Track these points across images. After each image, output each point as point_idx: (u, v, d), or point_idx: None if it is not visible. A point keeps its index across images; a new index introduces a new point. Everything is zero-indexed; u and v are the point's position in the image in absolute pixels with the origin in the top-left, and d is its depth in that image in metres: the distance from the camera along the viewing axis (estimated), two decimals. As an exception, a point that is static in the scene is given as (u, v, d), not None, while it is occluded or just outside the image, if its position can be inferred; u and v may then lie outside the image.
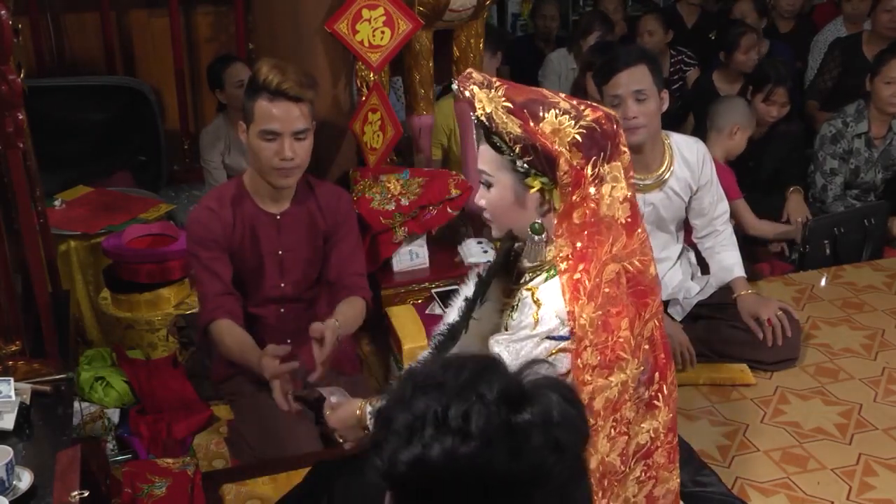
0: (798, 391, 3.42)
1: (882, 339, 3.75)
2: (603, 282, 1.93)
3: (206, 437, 3.45)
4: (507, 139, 1.91)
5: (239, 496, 2.89)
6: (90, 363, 3.77)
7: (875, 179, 4.72)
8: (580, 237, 1.93)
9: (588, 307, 1.91)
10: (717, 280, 3.68)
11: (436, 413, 1.19)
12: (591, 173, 1.91)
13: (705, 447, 3.10)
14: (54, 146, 4.78)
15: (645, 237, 2.06)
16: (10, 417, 2.39)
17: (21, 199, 2.78)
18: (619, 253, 1.97)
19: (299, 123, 2.91)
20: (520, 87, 1.99)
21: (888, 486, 2.91)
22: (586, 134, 1.89)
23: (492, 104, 1.92)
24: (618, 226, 1.97)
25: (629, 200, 2.01)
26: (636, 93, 3.29)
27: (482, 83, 1.96)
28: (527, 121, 1.90)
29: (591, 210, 1.93)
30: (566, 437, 1.21)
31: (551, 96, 1.96)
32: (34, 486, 2.19)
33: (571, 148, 1.89)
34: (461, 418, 1.18)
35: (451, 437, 1.17)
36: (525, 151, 1.90)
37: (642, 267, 2.02)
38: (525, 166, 1.92)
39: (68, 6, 5.63)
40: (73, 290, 4.09)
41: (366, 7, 3.33)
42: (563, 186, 1.90)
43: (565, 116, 1.90)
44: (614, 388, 1.96)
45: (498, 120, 1.91)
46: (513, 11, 7.46)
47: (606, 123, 1.94)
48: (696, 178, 3.52)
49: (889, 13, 5.43)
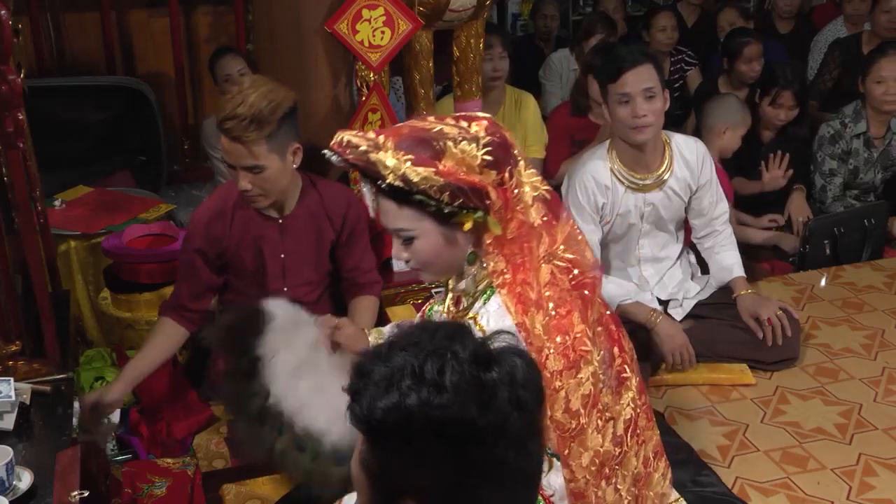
0: (798, 391, 3.42)
1: (882, 339, 3.75)
2: (542, 287, 1.90)
3: (206, 436, 3.45)
4: (432, 193, 1.81)
5: (239, 496, 2.90)
6: (90, 363, 3.77)
7: (874, 180, 4.72)
8: (512, 249, 1.90)
9: (538, 316, 1.88)
10: (716, 280, 3.69)
11: (413, 367, 1.30)
12: (512, 185, 1.88)
13: (705, 447, 3.10)
14: (54, 146, 4.77)
15: (570, 225, 2.02)
16: (10, 417, 2.39)
17: (21, 199, 2.78)
18: (547, 253, 1.94)
19: (246, 160, 2.84)
20: (393, 131, 1.90)
21: (888, 486, 2.91)
22: (492, 150, 1.84)
23: (399, 163, 1.80)
24: (536, 228, 1.94)
25: (540, 198, 1.97)
26: (645, 90, 3.29)
27: (371, 144, 1.84)
28: (434, 164, 1.82)
29: (519, 221, 1.90)
30: (527, 396, 1.33)
31: (430, 126, 1.88)
32: (34, 486, 2.19)
33: (484, 171, 1.84)
34: (436, 372, 1.29)
35: (427, 388, 1.28)
36: (454, 196, 1.81)
37: (575, 256, 1.98)
38: (456, 207, 1.84)
39: (68, 6, 5.63)
40: (73, 290, 4.10)
41: (366, 7, 3.33)
42: (497, 213, 1.86)
43: (463, 143, 1.83)
44: (587, 383, 1.93)
45: (414, 177, 1.80)
46: (513, 11, 7.46)
47: (493, 128, 1.89)
48: (695, 178, 3.52)
49: (888, 14, 5.44)
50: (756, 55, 5.30)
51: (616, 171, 3.47)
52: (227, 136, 2.82)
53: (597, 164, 3.50)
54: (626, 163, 3.47)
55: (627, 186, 3.48)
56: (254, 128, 2.79)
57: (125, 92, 5.67)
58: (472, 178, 1.82)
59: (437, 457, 1.30)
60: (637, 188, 3.48)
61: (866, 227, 4.51)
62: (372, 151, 1.82)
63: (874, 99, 4.57)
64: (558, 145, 4.83)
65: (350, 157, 1.86)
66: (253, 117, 2.78)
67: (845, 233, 4.46)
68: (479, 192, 1.82)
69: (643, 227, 3.57)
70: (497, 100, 4.81)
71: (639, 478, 2.07)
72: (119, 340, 4.03)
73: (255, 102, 2.79)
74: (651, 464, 2.12)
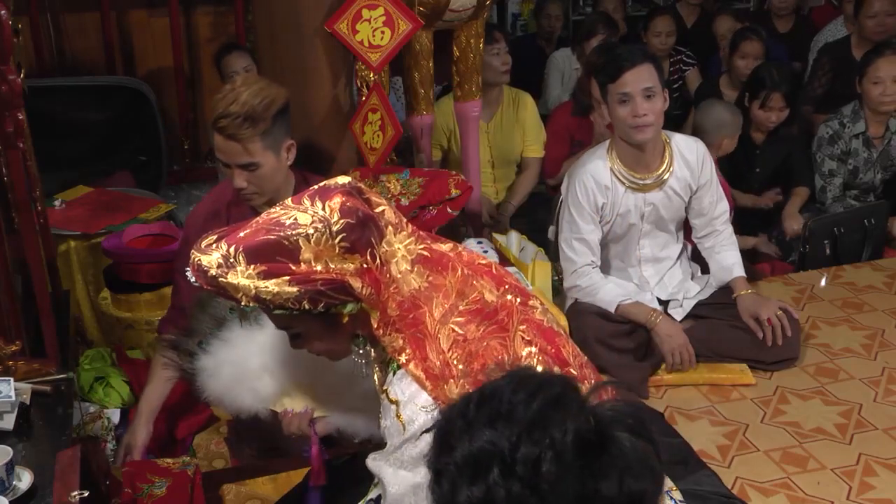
0: (798, 391, 3.42)
1: (882, 339, 3.75)
2: (446, 353, 1.82)
3: (206, 436, 3.45)
4: (290, 304, 1.75)
5: (239, 496, 2.89)
6: (90, 363, 3.76)
7: (874, 180, 4.72)
8: (403, 324, 1.84)
9: (450, 384, 1.80)
10: (716, 280, 3.69)
11: (503, 453, 1.12)
12: (378, 264, 1.80)
13: (705, 447, 3.10)
14: (54, 146, 4.77)
15: (460, 272, 1.91)
16: (10, 417, 2.38)
17: (21, 199, 2.78)
18: (441, 314, 1.85)
19: (241, 158, 2.83)
20: (246, 233, 1.81)
21: (888, 486, 2.91)
22: (347, 234, 1.76)
23: (250, 281, 1.73)
24: (423, 293, 1.86)
25: (418, 259, 1.88)
26: (645, 90, 3.30)
27: (221, 264, 1.76)
28: (288, 268, 1.74)
29: (397, 298, 1.84)
30: (639, 486, 1.14)
31: (284, 216, 1.80)
32: (34, 486, 2.19)
33: (345, 257, 1.77)
34: (531, 465, 1.11)
35: (520, 485, 1.10)
36: (314, 301, 1.75)
37: (476, 298, 1.89)
38: (322, 308, 1.78)
39: (68, 6, 5.63)
40: (73, 290, 4.10)
41: (366, 7, 3.33)
42: (367, 298, 1.80)
43: (316, 234, 1.75)
44: None
45: (267, 294, 1.73)
46: (513, 11, 7.46)
47: (352, 202, 1.81)
48: (695, 178, 3.52)
49: (873, 18, 5.44)
50: (753, 53, 5.27)
51: (616, 170, 3.47)
52: (221, 135, 2.81)
53: (596, 164, 3.50)
54: (627, 163, 3.47)
55: (628, 186, 3.48)
56: (248, 125, 2.77)
57: (125, 92, 5.67)
58: (330, 274, 1.75)
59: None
60: (637, 188, 3.48)
61: (866, 227, 4.51)
62: (221, 276, 1.76)
63: (872, 99, 4.58)
64: (558, 144, 4.84)
65: (202, 283, 1.80)
66: (246, 115, 2.77)
67: (845, 233, 4.46)
68: (340, 287, 1.75)
69: (644, 228, 3.57)
70: (496, 99, 4.82)
71: None
72: (119, 340, 4.03)
73: (247, 100, 2.78)
74: None
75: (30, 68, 4.60)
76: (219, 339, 2.41)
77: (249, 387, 2.36)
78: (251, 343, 2.37)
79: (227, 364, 2.38)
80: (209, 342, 2.42)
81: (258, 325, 2.39)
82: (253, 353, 2.36)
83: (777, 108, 4.64)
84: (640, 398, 3.36)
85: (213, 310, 2.46)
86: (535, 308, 1.99)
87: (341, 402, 2.34)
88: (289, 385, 2.38)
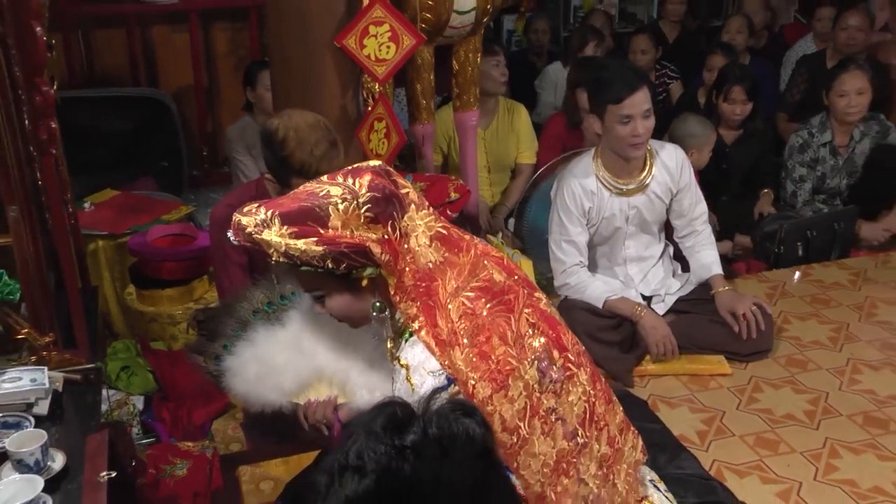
0: (770, 380, 3.43)
1: (847, 333, 3.76)
2: (455, 323, 1.84)
3: (223, 422, 3.46)
4: (316, 262, 1.80)
5: (254, 477, 2.90)
6: (117, 354, 3.78)
7: (840, 185, 4.73)
8: (417, 293, 1.86)
9: (455, 352, 1.82)
10: (696, 277, 3.70)
11: (338, 462, 1.22)
12: (398, 236, 1.84)
13: (685, 432, 3.11)
14: (84, 153, 4.78)
15: (473, 252, 1.95)
16: (45, 403, 2.40)
17: (53, 201, 2.79)
18: (454, 288, 1.87)
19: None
20: (286, 199, 1.88)
21: (851, 468, 2.92)
22: (372, 206, 1.80)
23: (282, 240, 1.79)
24: (438, 267, 1.89)
25: (437, 236, 1.91)
26: (645, 112, 3.31)
27: (258, 224, 1.82)
28: (317, 231, 1.79)
29: (412, 267, 1.86)
30: (453, 445, 1.22)
31: (318, 189, 1.85)
32: (66, 466, 2.20)
33: (369, 227, 1.81)
34: (356, 457, 1.21)
35: (352, 476, 1.20)
36: (337, 261, 1.80)
37: (486, 277, 1.92)
38: (344, 269, 1.82)
39: (97, 23, 5.63)
40: (100, 286, 4.10)
41: (372, 24, 3.33)
42: (386, 265, 1.83)
43: (345, 203, 1.80)
44: (520, 398, 1.85)
45: (296, 252, 1.79)
46: (508, 28, 7.45)
47: (379, 180, 1.85)
48: (675, 182, 3.53)
49: (846, 31, 5.48)
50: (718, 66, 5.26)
51: (602, 177, 3.48)
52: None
53: (583, 171, 3.51)
54: (612, 170, 3.47)
55: (612, 191, 3.49)
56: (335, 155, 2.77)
57: (148, 102, 5.67)
58: (354, 239, 1.79)
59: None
60: (621, 193, 3.49)
61: (836, 230, 4.53)
62: (256, 233, 1.82)
63: (838, 111, 4.60)
64: (551, 152, 4.84)
65: (241, 240, 1.86)
66: (331, 147, 2.77)
67: (817, 235, 4.48)
68: (361, 251, 1.79)
69: (629, 230, 3.57)
70: (493, 109, 4.83)
71: (605, 458, 2.00)
72: (143, 333, 4.04)
73: (320, 140, 2.76)
74: (618, 441, 2.06)
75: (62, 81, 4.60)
76: (243, 340, 2.40)
77: (274, 383, 2.35)
78: (274, 342, 2.36)
79: (252, 362, 2.36)
80: (233, 344, 2.41)
81: (280, 325, 2.39)
82: (276, 350, 2.35)
83: (740, 100, 4.68)
84: (626, 387, 3.37)
85: (237, 313, 2.46)
86: (540, 299, 2.00)
87: (363, 388, 2.34)
88: (311, 378, 2.37)
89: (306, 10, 3.31)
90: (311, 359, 2.35)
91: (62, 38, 5.36)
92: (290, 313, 2.40)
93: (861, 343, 3.69)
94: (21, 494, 2.02)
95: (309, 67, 3.38)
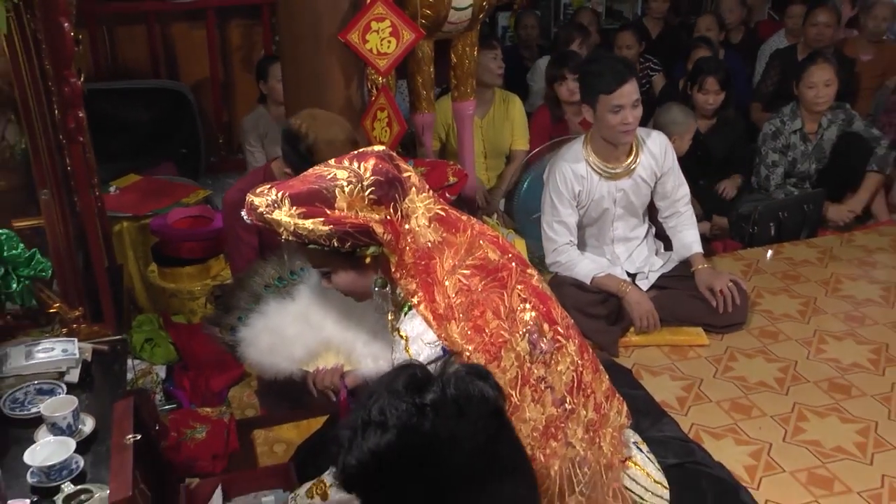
0: (745, 350, 3.44)
1: (814, 306, 3.77)
2: (451, 298, 1.84)
3: (239, 389, 3.47)
4: (322, 240, 1.80)
5: (267, 440, 2.92)
6: (141, 327, 3.78)
7: (810, 169, 4.72)
8: (417, 270, 1.85)
9: (451, 325, 1.82)
10: (678, 255, 3.70)
11: (362, 418, 1.23)
12: (399, 217, 1.83)
13: (666, 398, 3.12)
14: (109, 141, 4.74)
15: (469, 232, 1.94)
16: (76, 372, 2.41)
17: (81, 186, 2.79)
18: (451, 266, 1.87)
19: None
20: (295, 181, 1.87)
21: (816, 430, 2.94)
22: (375, 189, 1.79)
23: (291, 220, 1.79)
24: (436, 246, 1.88)
25: (435, 217, 1.90)
26: (634, 101, 3.30)
27: (269, 204, 1.82)
28: (323, 211, 1.78)
29: (413, 246, 1.85)
30: (469, 405, 1.23)
31: (326, 172, 1.84)
32: (96, 429, 2.21)
33: (373, 208, 1.80)
34: (378, 413, 1.22)
35: (374, 431, 1.21)
36: (342, 240, 1.80)
37: (481, 256, 1.91)
38: (349, 248, 1.83)
39: (121, 20, 5.60)
40: (125, 264, 4.11)
41: (374, 20, 3.32)
42: (388, 244, 1.82)
43: (350, 186, 1.79)
44: (512, 368, 1.85)
45: (303, 231, 1.78)
46: (503, 24, 7.42)
47: (383, 164, 1.84)
48: (659, 166, 3.53)
49: (815, 27, 5.47)
50: None
51: (591, 162, 3.48)
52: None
53: (574, 156, 3.51)
54: (601, 155, 3.47)
55: (601, 175, 3.48)
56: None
57: (169, 94, 5.64)
58: (358, 219, 1.79)
59: (411, 489, 1.21)
60: (609, 177, 3.49)
61: (805, 212, 4.53)
62: (267, 213, 1.81)
63: (807, 101, 4.59)
64: (538, 140, 4.83)
65: (253, 219, 1.85)
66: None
67: (788, 216, 4.48)
68: (365, 231, 1.79)
69: (616, 212, 3.57)
70: (489, 100, 4.81)
71: (592, 423, 2.00)
72: (165, 307, 4.04)
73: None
74: (604, 406, 2.06)
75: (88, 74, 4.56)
76: (256, 312, 2.40)
77: (285, 352, 2.35)
78: (285, 314, 2.36)
79: (265, 333, 2.36)
80: (247, 316, 2.41)
81: (290, 298, 2.39)
82: (287, 322, 2.35)
83: (713, 90, 4.67)
84: (612, 357, 3.37)
85: (250, 287, 2.46)
86: (532, 275, 2.00)
87: (367, 357, 2.34)
88: (320, 347, 2.37)
89: (314, 8, 3.30)
90: (319, 330, 2.35)
91: (88, 34, 5.33)
92: (300, 287, 2.40)
93: (827, 316, 3.69)
94: (56, 455, 2.04)
95: (317, 61, 3.37)
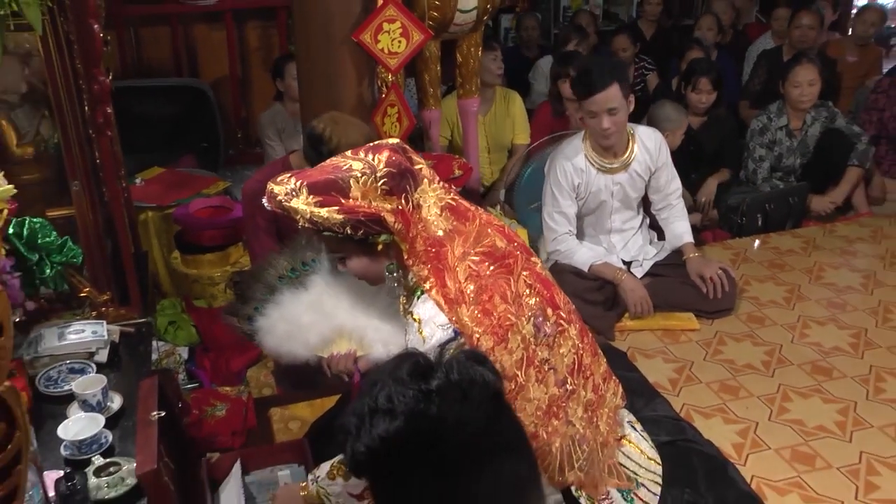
0: (733, 335, 3.44)
1: (798, 293, 3.76)
2: (462, 283, 1.83)
3: (257, 370, 3.47)
4: (336, 228, 1.78)
5: (283, 417, 2.93)
6: (164, 310, 3.78)
7: (794, 164, 4.71)
8: (428, 257, 1.84)
9: (462, 309, 1.81)
10: (670, 245, 3.69)
11: (369, 405, 1.21)
12: (410, 207, 1.82)
13: (659, 380, 3.12)
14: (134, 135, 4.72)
15: (478, 221, 1.93)
16: (104, 353, 2.42)
17: (109, 177, 2.79)
18: (461, 253, 1.86)
19: None
20: (313, 171, 1.85)
21: (800, 410, 2.95)
22: (388, 180, 1.78)
23: (307, 207, 1.77)
24: (447, 234, 1.87)
25: (447, 208, 1.89)
26: (609, 110, 3.27)
27: (287, 193, 1.80)
28: (338, 201, 1.77)
29: (424, 234, 1.84)
30: (471, 389, 1.21)
31: (342, 163, 1.82)
32: (123, 406, 2.22)
33: (385, 198, 1.79)
34: (386, 401, 1.20)
35: (383, 418, 1.19)
36: (355, 228, 1.78)
37: (489, 244, 1.90)
38: (362, 235, 1.81)
39: (146, 22, 5.60)
40: (150, 251, 4.11)
41: (386, 21, 3.31)
42: (398, 232, 1.81)
43: (364, 177, 1.78)
44: (518, 350, 1.85)
45: (319, 219, 1.77)
46: (505, 26, 7.39)
47: (396, 157, 1.83)
48: (654, 161, 3.52)
49: (799, 29, 5.46)
50: None
51: (589, 156, 3.47)
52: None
53: (573, 151, 3.50)
54: (598, 150, 3.46)
55: (599, 169, 3.47)
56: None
57: (190, 91, 5.63)
58: (371, 209, 1.77)
59: (418, 471, 1.19)
60: (606, 170, 3.48)
61: (790, 204, 4.52)
62: (286, 200, 1.80)
63: (792, 99, 4.57)
64: (540, 135, 4.82)
65: (272, 206, 1.84)
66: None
67: (774, 208, 4.47)
68: (377, 220, 1.78)
69: (614, 204, 3.57)
70: (491, 97, 4.80)
71: (590, 403, 2.01)
72: (187, 292, 4.04)
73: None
74: (601, 388, 2.06)
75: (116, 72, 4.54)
76: (272, 302, 2.40)
77: (301, 339, 2.34)
78: (299, 303, 2.35)
79: (281, 322, 2.35)
80: (264, 306, 2.41)
81: (303, 288, 2.38)
82: (301, 311, 2.34)
83: (706, 90, 4.64)
84: (608, 340, 3.37)
85: (265, 279, 2.45)
86: (536, 263, 2.00)
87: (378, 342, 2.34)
88: (333, 334, 2.37)
89: (328, 10, 3.29)
90: (332, 318, 2.34)
91: (116, 35, 5.33)
92: (312, 278, 2.39)
93: (810, 302, 3.69)
94: (87, 430, 2.06)
95: (330, 60, 3.36)
